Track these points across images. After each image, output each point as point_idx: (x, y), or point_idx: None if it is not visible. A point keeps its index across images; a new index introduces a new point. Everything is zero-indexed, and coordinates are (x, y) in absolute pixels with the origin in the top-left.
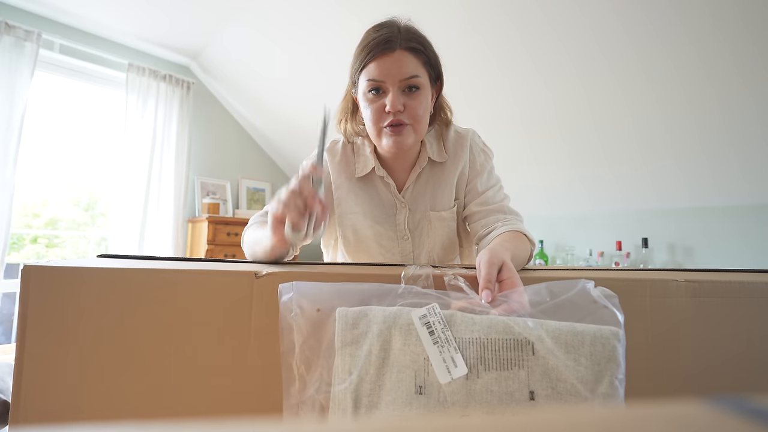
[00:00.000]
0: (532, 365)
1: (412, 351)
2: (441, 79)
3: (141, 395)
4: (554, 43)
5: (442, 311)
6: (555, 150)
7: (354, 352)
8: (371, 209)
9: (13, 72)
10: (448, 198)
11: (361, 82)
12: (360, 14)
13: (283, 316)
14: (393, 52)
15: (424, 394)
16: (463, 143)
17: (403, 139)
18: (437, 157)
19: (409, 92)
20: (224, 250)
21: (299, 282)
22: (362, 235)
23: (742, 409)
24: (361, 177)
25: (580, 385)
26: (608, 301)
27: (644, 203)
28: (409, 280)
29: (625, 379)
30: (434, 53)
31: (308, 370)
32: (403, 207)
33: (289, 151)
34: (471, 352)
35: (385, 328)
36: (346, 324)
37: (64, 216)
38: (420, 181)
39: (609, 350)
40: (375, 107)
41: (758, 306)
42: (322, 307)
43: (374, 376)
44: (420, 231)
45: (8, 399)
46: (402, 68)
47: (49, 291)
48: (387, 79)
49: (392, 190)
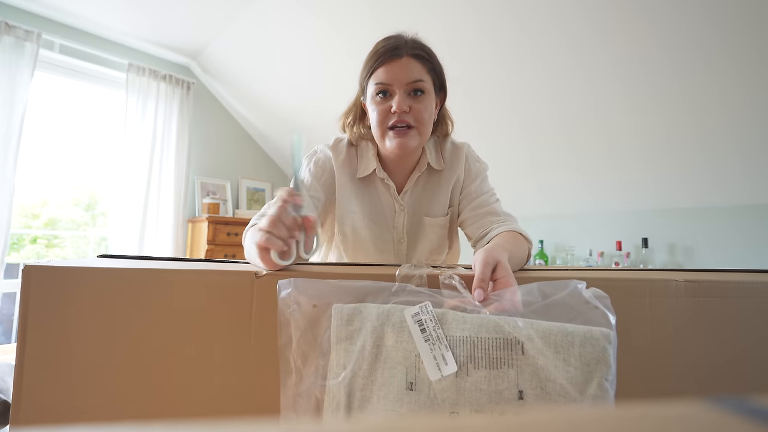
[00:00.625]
0: (522, 365)
1: (404, 348)
2: (445, 89)
3: (141, 395)
4: (555, 43)
5: (434, 310)
6: (555, 150)
7: (348, 348)
8: (370, 210)
9: (13, 72)
10: (443, 205)
11: (370, 86)
12: (360, 14)
13: (281, 311)
14: (400, 58)
15: (415, 390)
16: (459, 154)
17: (407, 141)
18: (435, 164)
19: (415, 95)
20: (224, 250)
21: (297, 278)
22: (360, 234)
23: (742, 409)
24: (362, 178)
25: (569, 385)
26: (599, 302)
27: (644, 203)
28: (404, 278)
29: (620, 380)
30: (439, 63)
31: (305, 363)
32: (402, 210)
33: (290, 150)
34: (461, 350)
35: (379, 324)
36: (341, 320)
37: (64, 216)
38: (418, 186)
39: (599, 351)
40: (381, 109)
41: (758, 306)
42: (319, 303)
43: (367, 371)
44: (415, 235)
45: (9, 399)
46: (408, 72)
47: (49, 291)
48: (394, 82)
49: (392, 192)
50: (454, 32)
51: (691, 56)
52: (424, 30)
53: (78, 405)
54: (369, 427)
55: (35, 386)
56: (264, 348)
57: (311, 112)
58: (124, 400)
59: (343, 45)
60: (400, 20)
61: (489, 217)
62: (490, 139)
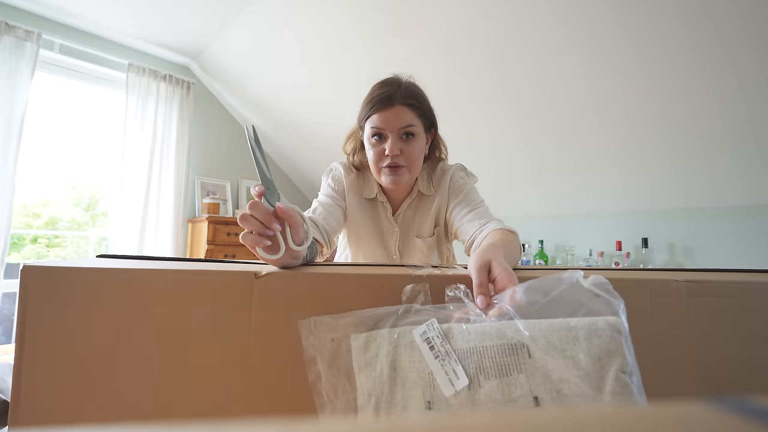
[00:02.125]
0: (531, 369)
1: (417, 368)
2: (435, 126)
3: (140, 395)
4: (557, 43)
5: (440, 325)
6: (555, 151)
7: (369, 374)
8: (372, 227)
9: (13, 72)
10: (430, 226)
11: (367, 128)
12: (360, 14)
13: (306, 349)
14: (393, 106)
15: (433, 408)
16: (445, 178)
17: (399, 178)
18: (425, 190)
19: (406, 138)
20: (224, 250)
21: (315, 317)
22: (362, 246)
23: (742, 409)
24: (367, 198)
25: (584, 384)
26: (601, 290)
27: (644, 203)
28: (409, 298)
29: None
30: (429, 107)
31: (335, 395)
32: (395, 231)
33: (290, 150)
34: (470, 362)
35: (392, 348)
36: (358, 349)
37: (64, 216)
38: (410, 209)
39: (607, 342)
40: (376, 150)
41: (758, 306)
42: (336, 337)
43: (388, 395)
44: (406, 253)
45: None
46: (400, 120)
47: (48, 291)
48: (387, 127)
49: (388, 215)
50: (455, 33)
51: (691, 57)
52: (425, 31)
53: (76, 405)
54: (369, 427)
55: (34, 386)
56: (263, 348)
57: (312, 111)
58: (122, 400)
59: (343, 45)
60: (401, 21)
61: (475, 222)
62: (490, 139)
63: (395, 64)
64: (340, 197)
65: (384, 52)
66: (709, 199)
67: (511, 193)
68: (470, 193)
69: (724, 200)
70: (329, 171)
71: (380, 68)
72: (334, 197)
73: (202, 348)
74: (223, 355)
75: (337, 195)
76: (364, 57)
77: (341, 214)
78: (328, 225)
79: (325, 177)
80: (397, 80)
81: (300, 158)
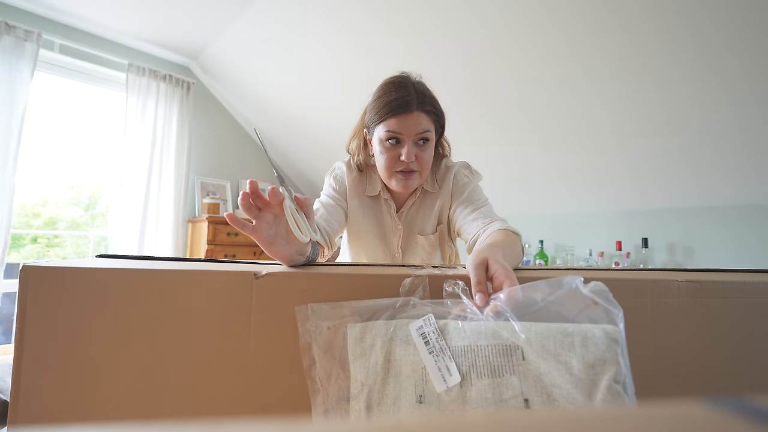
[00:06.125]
0: (523, 371)
1: (411, 361)
2: (444, 127)
3: (140, 395)
4: (559, 44)
5: (436, 321)
6: (556, 151)
7: (364, 364)
8: (374, 226)
9: (13, 72)
10: (432, 223)
11: (379, 130)
12: (359, 14)
13: (302, 335)
14: (411, 113)
15: (425, 403)
16: (449, 175)
17: (411, 183)
18: (430, 187)
19: (421, 144)
20: (224, 250)
21: (312, 304)
22: (363, 245)
23: (742, 409)
24: (369, 196)
25: (575, 390)
26: (600, 297)
27: (644, 203)
28: (407, 292)
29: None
30: (441, 111)
31: (329, 381)
32: (399, 229)
33: (290, 150)
34: (463, 360)
35: (387, 340)
36: (355, 338)
37: (64, 216)
38: (414, 207)
39: (602, 351)
40: (390, 155)
41: (758, 306)
42: (332, 325)
43: (381, 386)
44: (409, 250)
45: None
46: (418, 126)
47: (48, 291)
48: (405, 132)
49: (392, 212)
50: (459, 35)
51: (693, 58)
52: (425, 33)
53: (76, 405)
54: (369, 427)
55: (33, 386)
56: (263, 348)
57: (312, 111)
58: (122, 400)
59: (343, 44)
60: (402, 21)
61: (478, 221)
62: (491, 140)
63: (395, 65)
64: (342, 197)
65: (384, 52)
66: (710, 200)
67: (511, 194)
68: (474, 191)
69: (725, 200)
70: (332, 171)
71: (380, 68)
72: (335, 197)
73: (202, 348)
74: (222, 354)
75: (338, 195)
76: (363, 57)
77: (342, 215)
78: (329, 226)
79: (328, 177)
80: (410, 81)
81: (300, 158)
